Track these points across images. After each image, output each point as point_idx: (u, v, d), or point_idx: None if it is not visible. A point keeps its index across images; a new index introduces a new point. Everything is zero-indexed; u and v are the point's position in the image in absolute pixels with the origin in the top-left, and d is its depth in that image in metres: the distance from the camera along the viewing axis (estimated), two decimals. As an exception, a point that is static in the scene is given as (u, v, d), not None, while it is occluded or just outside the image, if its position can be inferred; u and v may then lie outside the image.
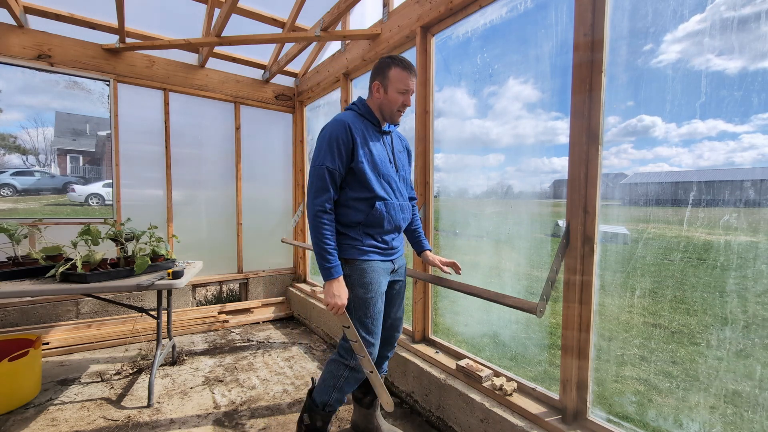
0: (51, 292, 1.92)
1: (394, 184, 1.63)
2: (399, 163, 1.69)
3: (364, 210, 1.55)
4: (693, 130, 1.44)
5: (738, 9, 1.22)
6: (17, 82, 3.17)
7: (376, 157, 1.57)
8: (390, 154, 1.65)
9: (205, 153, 3.78)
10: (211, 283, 3.84)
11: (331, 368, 1.62)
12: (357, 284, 1.55)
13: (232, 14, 2.71)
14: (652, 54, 1.45)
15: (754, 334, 1.50)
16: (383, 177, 1.59)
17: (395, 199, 1.63)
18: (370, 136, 1.59)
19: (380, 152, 1.60)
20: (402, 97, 1.57)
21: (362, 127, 1.58)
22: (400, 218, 1.65)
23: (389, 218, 1.59)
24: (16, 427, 1.93)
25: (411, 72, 1.57)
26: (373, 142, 1.59)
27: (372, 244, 1.58)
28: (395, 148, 1.70)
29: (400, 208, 1.64)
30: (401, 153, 1.74)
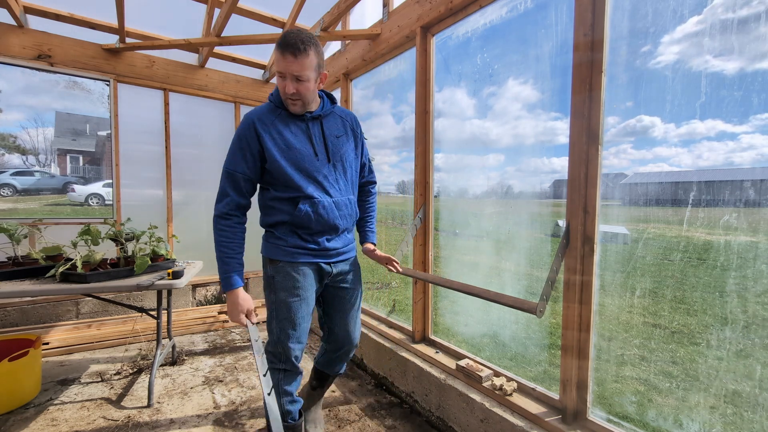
0: (51, 292, 1.92)
1: (322, 179, 1.44)
2: (333, 152, 1.47)
3: (288, 210, 1.42)
4: (692, 130, 1.44)
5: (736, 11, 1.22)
6: (17, 83, 3.17)
7: (296, 151, 1.40)
8: (315, 143, 1.44)
9: (205, 153, 3.78)
10: (211, 283, 3.84)
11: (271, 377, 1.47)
12: (280, 287, 1.44)
13: (232, 14, 2.71)
14: (651, 55, 1.46)
15: (754, 334, 1.50)
16: (305, 172, 1.42)
17: (326, 196, 1.44)
18: (287, 129, 1.41)
19: (301, 146, 1.42)
20: (282, 81, 1.34)
21: (276, 120, 1.41)
22: (335, 217, 1.47)
23: (318, 218, 1.43)
24: (16, 427, 1.93)
25: (285, 51, 1.29)
26: (290, 134, 1.41)
27: (298, 245, 1.45)
28: (327, 134, 1.47)
29: (334, 206, 1.46)
30: (339, 138, 1.50)
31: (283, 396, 1.48)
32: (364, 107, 3.37)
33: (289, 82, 1.33)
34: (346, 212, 1.52)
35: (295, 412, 1.53)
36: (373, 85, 3.14)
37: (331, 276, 1.55)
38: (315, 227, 1.45)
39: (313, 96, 1.44)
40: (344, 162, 1.51)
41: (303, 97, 1.38)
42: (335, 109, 1.55)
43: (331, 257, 1.52)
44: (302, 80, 1.33)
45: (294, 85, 1.33)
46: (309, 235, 1.47)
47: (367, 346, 2.63)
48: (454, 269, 2.80)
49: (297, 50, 1.29)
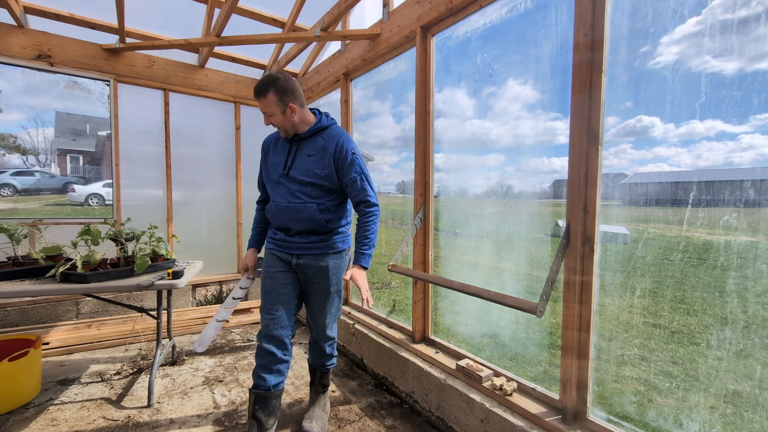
0: (51, 292, 1.92)
1: (283, 189, 1.79)
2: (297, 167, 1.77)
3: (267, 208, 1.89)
4: (691, 130, 1.44)
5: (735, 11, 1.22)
6: (18, 83, 3.17)
7: (270, 165, 1.86)
8: (288, 159, 1.79)
9: (205, 153, 3.78)
10: (211, 283, 3.84)
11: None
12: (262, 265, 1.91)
13: (232, 14, 2.72)
14: (650, 55, 1.46)
15: (754, 334, 1.50)
16: (273, 183, 1.84)
17: (281, 202, 1.78)
18: (276, 148, 1.86)
19: (278, 161, 1.82)
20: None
21: (275, 141, 1.89)
22: (285, 219, 1.78)
23: (274, 217, 1.84)
24: (16, 427, 1.93)
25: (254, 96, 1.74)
26: (275, 153, 1.86)
27: (270, 236, 1.92)
28: (299, 153, 1.79)
29: (287, 210, 1.76)
30: (310, 156, 1.77)
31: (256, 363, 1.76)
32: (364, 107, 3.37)
33: (264, 118, 1.75)
34: (300, 216, 1.76)
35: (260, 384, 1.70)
36: (373, 85, 3.14)
37: (297, 266, 1.83)
38: (275, 224, 1.88)
39: (292, 122, 1.75)
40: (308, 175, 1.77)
41: (279, 125, 1.75)
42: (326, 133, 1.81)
43: (293, 249, 1.82)
44: (270, 114, 1.72)
45: (267, 119, 1.74)
46: (274, 229, 1.91)
47: (367, 346, 2.63)
48: (454, 269, 2.80)
49: (259, 94, 1.70)
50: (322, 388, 2.04)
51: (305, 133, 1.79)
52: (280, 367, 1.74)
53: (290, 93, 1.70)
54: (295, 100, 1.72)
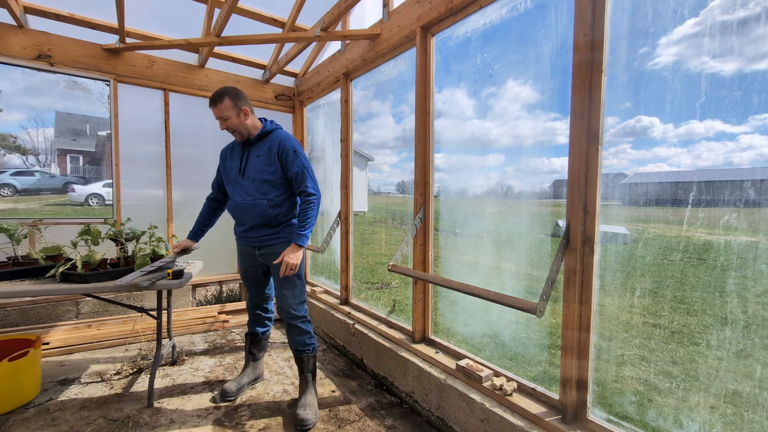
0: (51, 292, 1.92)
1: (240, 188, 2.08)
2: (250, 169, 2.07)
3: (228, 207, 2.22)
4: (691, 130, 1.44)
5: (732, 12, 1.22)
6: (17, 83, 3.17)
7: (228, 169, 2.17)
8: (243, 162, 2.09)
9: (205, 153, 3.78)
10: (211, 283, 3.84)
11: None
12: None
13: (232, 14, 2.71)
14: (649, 56, 1.46)
15: (754, 334, 1.50)
16: (231, 183, 2.15)
17: (238, 200, 2.09)
18: (232, 155, 2.18)
19: (233, 165, 2.13)
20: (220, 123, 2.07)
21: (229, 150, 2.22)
22: (242, 214, 2.10)
23: (233, 214, 2.16)
24: (16, 427, 1.93)
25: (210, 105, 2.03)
26: (232, 158, 2.17)
27: (234, 229, 2.25)
28: (250, 156, 2.09)
29: (242, 206, 2.07)
30: (259, 158, 2.06)
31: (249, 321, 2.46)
32: (365, 107, 3.38)
33: (220, 123, 2.04)
34: (253, 212, 2.06)
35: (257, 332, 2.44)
36: (373, 85, 3.14)
37: (260, 256, 2.16)
38: (235, 220, 2.20)
39: (246, 125, 2.06)
40: (260, 175, 2.05)
41: (235, 128, 2.04)
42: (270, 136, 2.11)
43: (254, 242, 2.14)
44: (225, 119, 2.01)
45: (222, 124, 2.03)
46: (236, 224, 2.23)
47: (367, 346, 2.63)
48: (454, 269, 2.80)
49: (215, 102, 1.99)
50: (310, 375, 2.20)
51: (254, 138, 2.10)
52: (266, 321, 2.44)
53: (242, 99, 2.03)
54: (247, 105, 2.04)
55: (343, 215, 3.19)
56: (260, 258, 2.17)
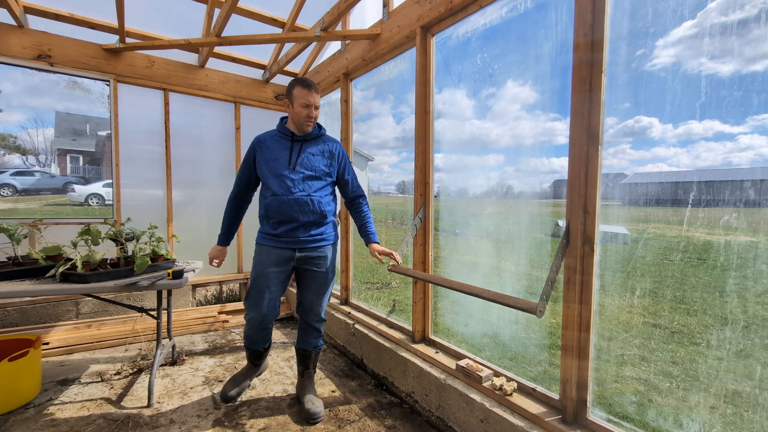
0: (51, 292, 1.92)
1: (289, 182, 1.95)
2: (302, 163, 2.00)
3: (264, 203, 2.01)
4: (690, 130, 1.44)
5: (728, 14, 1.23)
6: (18, 83, 3.17)
7: (270, 159, 1.99)
8: (292, 156, 1.99)
9: (205, 153, 3.78)
10: (211, 283, 3.84)
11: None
12: (253, 265, 2.07)
13: (232, 14, 2.72)
14: (647, 57, 1.46)
15: (754, 334, 1.50)
16: (275, 176, 1.96)
17: (287, 195, 1.94)
18: (275, 146, 2.02)
19: (280, 156, 1.99)
20: (305, 110, 1.94)
21: (269, 140, 2.04)
22: (290, 211, 1.95)
23: (277, 210, 1.95)
24: (16, 427, 1.93)
25: (311, 89, 1.94)
26: (273, 150, 2.01)
27: (265, 231, 2.03)
28: (304, 152, 2.02)
29: (294, 202, 1.94)
30: (315, 156, 2.04)
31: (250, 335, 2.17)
32: (365, 107, 3.38)
33: (312, 110, 1.96)
34: (306, 208, 1.97)
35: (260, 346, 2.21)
36: (374, 85, 3.14)
37: (297, 259, 2.03)
38: (278, 217, 1.96)
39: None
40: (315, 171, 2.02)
41: (316, 119, 2.03)
42: (325, 137, 2.13)
43: (295, 244, 2.00)
44: (318, 108, 2.00)
45: (315, 112, 1.99)
46: (273, 224, 2.00)
47: (367, 346, 2.63)
48: (454, 269, 2.80)
49: (317, 89, 1.98)
50: (314, 371, 2.27)
51: (310, 135, 2.06)
52: (268, 335, 2.22)
53: None
54: None
55: (343, 215, 3.19)
56: (296, 262, 2.03)
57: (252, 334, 2.13)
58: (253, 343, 2.18)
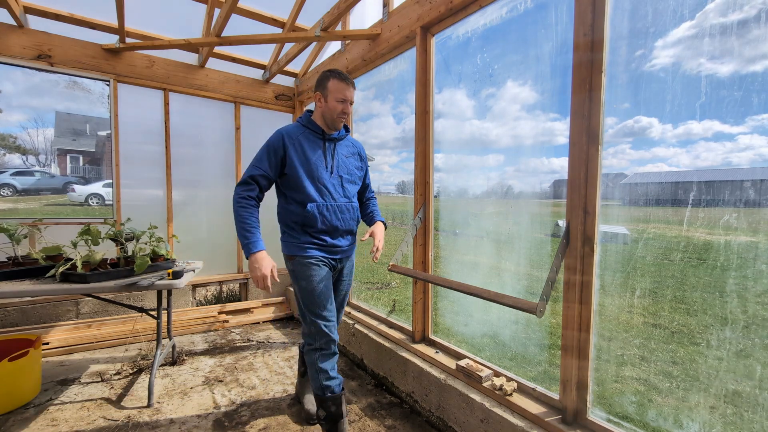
0: (51, 292, 1.92)
1: (330, 187, 1.78)
2: (340, 166, 1.83)
3: (300, 211, 1.73)
4: (689, 131, 1.44)
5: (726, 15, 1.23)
6: (18, 83, 3.17)
7: (312, 162, 1.74)
8: (327, 158, 1.80)
9: (205, 153, 3.78)
10: (211, 283, 3.84)
11: (307, 360, 1.78)
12: (300, 277, 1.74)
13: (232, 14, 2.71)
14: (646, 58, 1.46)
15: (754, 334, 1.50)
16: (317, 181, 1.75)
17: (329, 200, 1.77)
18: (308, 144, 1.77)
19: (317, 157, 1.77)
20: (341, 105, 1.74)
21: (300, 136, 1.76)
22: (336, 219, 1.78)
23: (322, 219, 1.74)
24: (16, 427, 1.93)
25: (348, 83, 1.75)
26: (310, 148, 1.76)
27: (309, 241, 1.76)
28: (337, 153, 1.84)
29: (337, 209, 1.78)
30: (348, 158, 1.89)
31: (320, 373, 1.72)
32: (365, 108, 3.38)
33: (348, 105, 1.76)
34: (349, 215, 1.83)
35: (335, 386, 1.73)
36: (374, 85, 3.14)
37: (338, 270, 1.88)
38: (320, 226, 1.75)
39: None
40: (350, 176, 1.87)
41: (349, 117, 1.84)
42: (350, 138, 1.96)
43: (337, 254, 1.83)
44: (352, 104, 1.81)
45: (349, 108, 1.78)
46: (315, 233, 1.76)
47: (367, 346, 2.63)
48: (454, 269, 2.80)
49: (353, 84, 1.78)
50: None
51: (340, 135, 1.87)
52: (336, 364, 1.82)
53: None
54: None
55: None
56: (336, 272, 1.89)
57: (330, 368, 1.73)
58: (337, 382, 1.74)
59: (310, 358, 1.75)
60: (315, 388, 1.73)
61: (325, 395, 1.70)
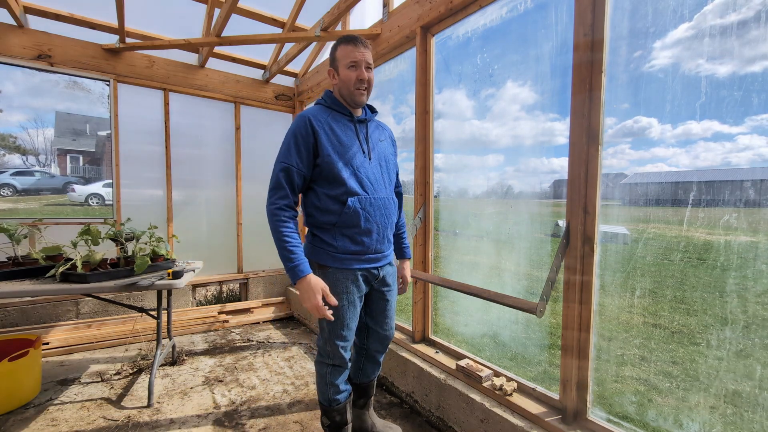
0: (51, 292, 1.92)
1: (372, 177, 1.48)
2: (377, 153, 1.53)
3: (337, 209, 1.42)
4: (688, 131, 1.45)
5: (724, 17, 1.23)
6: (18, 84, 3.17)
7: (348, 147, 1.44)
8: (363, 143, 1.50)
9: (205, 153, 3.78)
10: (211, 283, 3.84)
11: (317, 369, 1.61)
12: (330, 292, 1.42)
13: (232, 14, 2.72)
14: (645, 59, 1.46)
15: (754, 334, 1.50)
16: (357, 170, 1.44)
17: (373, 193, 1.47)
18: (338, 127, 1.46)
19: (351, 140, 1.47)
20: (354, 72, 1.44)
21: (328, 119, 1.46)
22: (380, 215, 1.49)
23: (366, 216, 1.44)
24: (16, 427, 1.93)
25: (357, 44, 1.44)
26: (342, 132, 1.46)
27: (348, 250, 1.45)
28: (371, 138, 1.54)
29: (382, 204, 1.49)
30: (382, 142, 1.59)
31: (329, 387, 1.57)
32: (364, 107, 3.37)
33: (363, 70, 1.44)
34: (390, 211, 1.54)
35: (342, 398, 1.59)
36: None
37: (379, 280, 1.58)
38: (364, 225, 1.45)
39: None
40: (387, 165, 1.57)
41: (370, 86, 1.49)
42: (372, 117, 1.62)
43: (378, 262, 1.54)
44: (371, 69, 1.48)
45: (367, 74, 1.45)
46: (357, 235, 1.46)
47: (367, 346, 2.63)
48: (454, 269, 2.80)
49: (365, 44, 1.45)
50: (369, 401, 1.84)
51: (368, 116, 1.56)
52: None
53: None
54: None
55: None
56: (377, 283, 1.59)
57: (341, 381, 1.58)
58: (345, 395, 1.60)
59: (321, 370, 1.58)
60: (322, 398, 1.60)
61: (331, 406, 1.58)
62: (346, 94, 1.48)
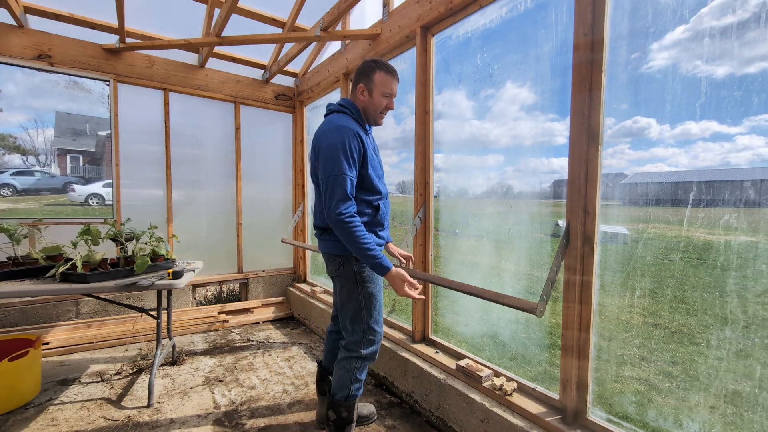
0: (51, 292, 1.93)
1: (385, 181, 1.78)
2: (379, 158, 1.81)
3: (371, 211, 1.65)
4: (687, 131, 1.45)
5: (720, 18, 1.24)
6: (18, 83, 3.17)
7: (376, 159, 1.70)
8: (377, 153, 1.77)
9: (205, 153, 3.78)
10: (211, 283, 3.84)
11: (343, 365, 1.68)
12: (367, 280, 1.65)
13: (232, 14, 2.72)
14: (643, 60, 1.46)
15: (754, 334, 1.50)
16: (381, 177, 1.73)
17: (387, 195, 1.77)
18: (367, 140, 1.66)
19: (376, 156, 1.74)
20: (386, 100, 1.65)
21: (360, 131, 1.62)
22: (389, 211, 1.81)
23: (386, 214, 1.74)
24: (16, 427, 1.93)
25: (395, 77, 1.66)
26: (371, 145, 1.71)
27: (377, 242, 1.65)
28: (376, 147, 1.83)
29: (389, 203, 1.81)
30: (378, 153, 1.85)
31: (354, 382, 1.68)
32: (364, 107, 3.36)
33: (392, 100, 1.68)
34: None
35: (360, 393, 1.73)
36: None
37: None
38: (386, 223, 1.75)
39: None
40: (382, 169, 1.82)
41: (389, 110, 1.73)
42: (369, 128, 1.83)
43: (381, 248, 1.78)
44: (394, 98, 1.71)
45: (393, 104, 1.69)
46: (380, 231, 1.71)
47: (367, 346, 2.62)
48: (454, 269, 2.80)
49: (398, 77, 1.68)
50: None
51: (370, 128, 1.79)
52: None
53: None
54: None
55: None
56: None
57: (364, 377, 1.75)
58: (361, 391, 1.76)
59: (350, 365, 1.66)
60: (341, 394, 1.67)
61: (347, 401, 1.67)
62: (371, 115, 1.69)
